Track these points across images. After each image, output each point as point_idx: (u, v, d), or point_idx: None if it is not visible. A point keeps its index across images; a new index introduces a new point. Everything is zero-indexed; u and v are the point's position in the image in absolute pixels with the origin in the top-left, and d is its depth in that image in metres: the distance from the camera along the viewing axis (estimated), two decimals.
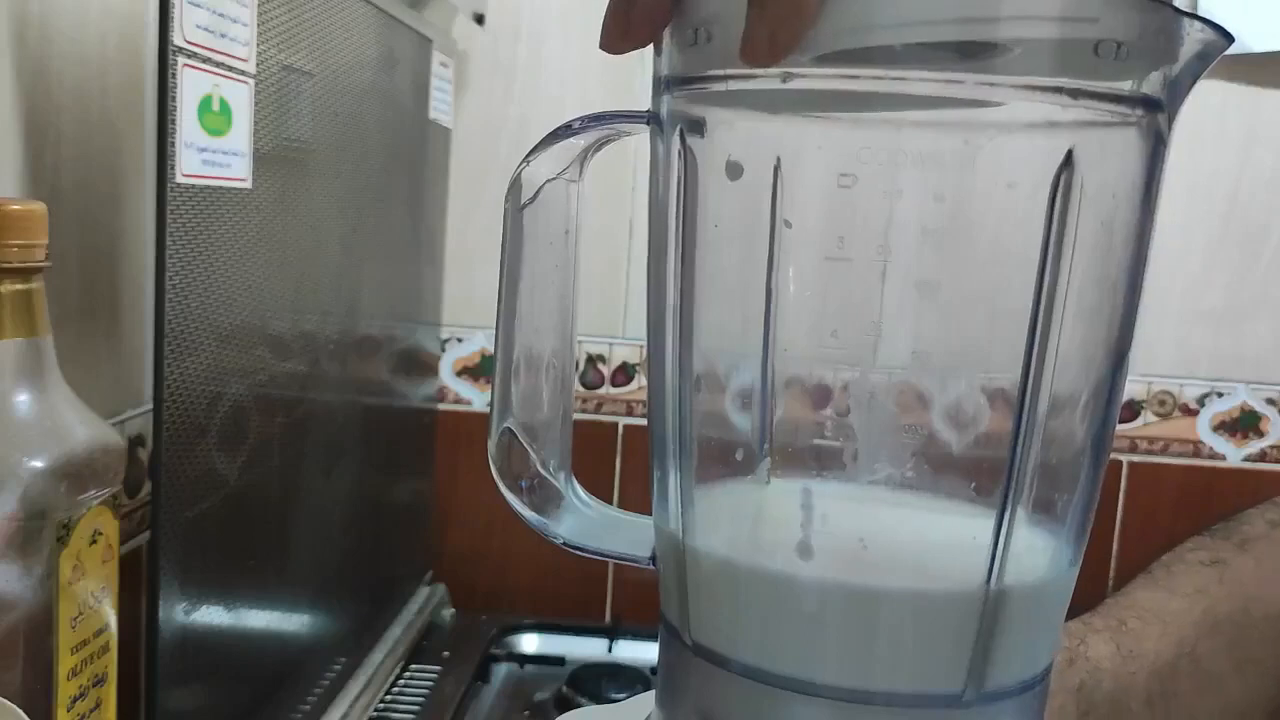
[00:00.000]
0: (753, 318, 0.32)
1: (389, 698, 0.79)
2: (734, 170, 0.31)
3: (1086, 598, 0.36)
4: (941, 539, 0.33)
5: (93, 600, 0.46)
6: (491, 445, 0.36)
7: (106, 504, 0.46)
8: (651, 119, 0.33)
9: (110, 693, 0.48)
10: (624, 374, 1.00)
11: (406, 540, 0.93)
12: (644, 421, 0.98)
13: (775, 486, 0.33)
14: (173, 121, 0.50)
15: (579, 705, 0.82)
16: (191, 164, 0.52)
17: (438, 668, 0.85)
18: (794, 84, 0.29)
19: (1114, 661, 0.48)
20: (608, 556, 0.36)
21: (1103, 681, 0.47)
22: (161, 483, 0.52)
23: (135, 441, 0.65)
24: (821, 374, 0.33)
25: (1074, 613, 0.34)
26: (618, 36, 0.31)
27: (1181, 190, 0.95)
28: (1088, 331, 0.31)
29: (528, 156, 0.34)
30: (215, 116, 0.53)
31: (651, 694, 0.36)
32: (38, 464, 0.43)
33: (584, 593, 1.01)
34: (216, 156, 0.54)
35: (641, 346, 0.99)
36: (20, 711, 0.38)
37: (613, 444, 1.00)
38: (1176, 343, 0.99)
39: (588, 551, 0.36)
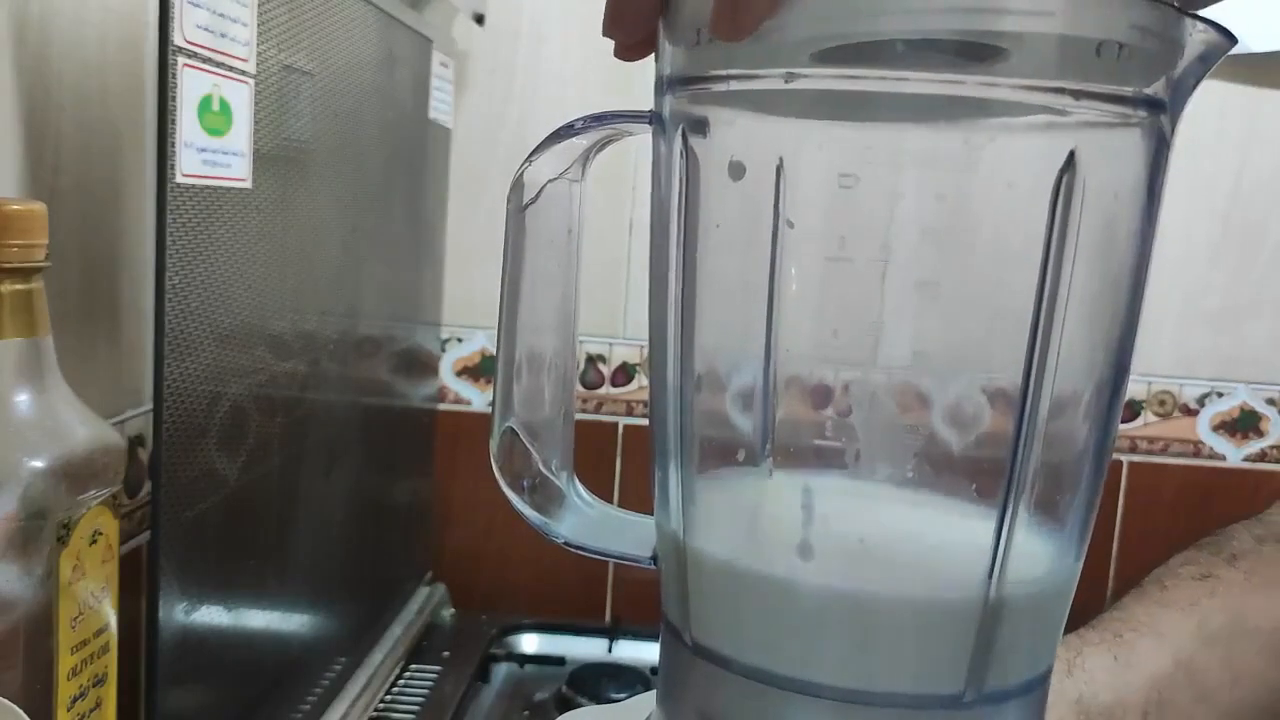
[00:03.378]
0: (754, 317, 0.32)
1: (389, 698, 0.79)
2: (736, 170, 0.31)
3: (1085, 597, 0.36)
4: (943, 539, 0.33)
5: (93, 600, 0.46)
6: (493, 444, 0.35)
7: (106, 504, 0.46)
8: (654, 119, 0.33)
9: (110, 693, 0.48)
10: (624, 374, 1.00)
11: (406, 540, 0.93)
12: (644, 421, 0.98)
13: (776, 486, 0.33)
14: (173, 121, 0.50)
15: (579, 705, 0.82)
16: (191, 164, 0.52)
17: (438, 668, 0.85)
18: (797, 84, 0.29)
19: (1111, 673, 0.48)
20: (609, 556, 0.36)
21: (1100, 693, 0.48)
22: (161, 483, 0.52)
23: (135, 441, 0.65)
24: (822, 374, 0.33)
25: (1072, 615, 0.34)
26: (613, 24, 0.31)
27: (1181, 190, 0.95)
28: (1089, 332, 0.31)
29: (530, 156, 0.34)
30: (215, 116, 0.53)
31: (652, 694, 0.36)
32: (38, 464, 0.43)
33: (584, 593, 1.01)
34: (216, 156, 0.54)
35: (641, 346, 0.99)
36: (20, 711, 0.38)
37: (613, 444, 1.00)
38: (1176, 343, 0.99)
39: (589, 551, 0.36)
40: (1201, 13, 0.29)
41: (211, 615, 0.58)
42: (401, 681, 0.82)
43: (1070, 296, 0.29)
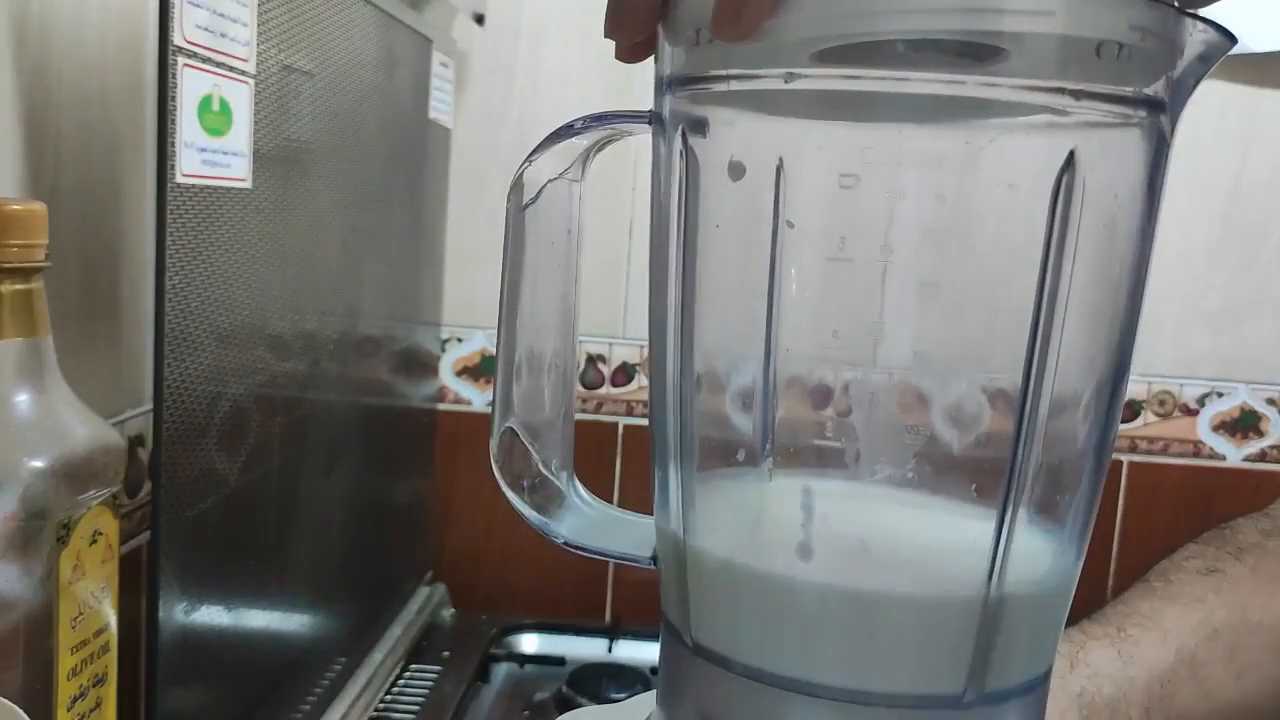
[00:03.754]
0: (754, 318, 0.32)
1: (389, 698, 0.79)
2: (736, 170, 0.31)
3: (1085, 596, 0.36)
4: (942, 540, 0.33)
5: (93, 600, 0.46)
6: (493, 444, 0.35)
7: (106, 504, 0.46)
8: (653, 119, 0.33)
9: (110, 693, 0.48)
10: (624, 374, 1.00)
11: (406, 540, 0.93)
12: (644, 421, 0.98)
13: (776, 487, 0.33)
14: (173, 121, 0.50)
15: (579, 705, 0.82)
16: (191, 164, 0.52)
17: (438, 668, 0.85)
18: (797, 84, 0.29)
19: (1113, 667, 0.48)
20: (609, 556, 0.36)
21: (1103, 687, 0.48)
22: (161, 483, 0.52)
23: (135, 441, 0.65)
24: (823, 374, 0.33)
25: (1072, 615, 0.34)
26: (614, 26, 0.31)
27: (1181, 190, 0.95)
28: (1089, 332, 0.31)
29: (530, 156, 0.34)
30: (215, 116, 0.53)
31: (652, 694, 0.36)
32: (38, 464, 0.43)
33: (584, 593, 1.01)
34: (216, 156, 0.54)
35: (641, 346, 0.99)
36: (20, 711, 0.38)
37: (613, 444, 1.00)
38: (1176, 343, 0.99)
39: (589, 551, 0.36)
40: (1201, 13, 0.29)
41: (211, 615, 0.58)
42: (401, 681, 0.82)
43: (1070, 296, 0.29)
